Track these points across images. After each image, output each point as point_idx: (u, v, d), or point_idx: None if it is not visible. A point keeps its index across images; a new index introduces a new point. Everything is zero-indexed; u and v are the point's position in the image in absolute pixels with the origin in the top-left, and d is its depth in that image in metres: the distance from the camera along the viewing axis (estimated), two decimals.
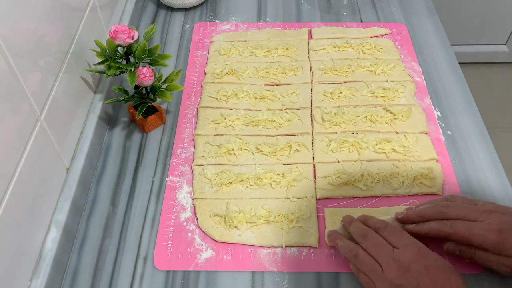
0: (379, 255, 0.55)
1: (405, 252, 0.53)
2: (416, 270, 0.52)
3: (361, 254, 0.56)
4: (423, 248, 0.54)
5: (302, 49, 0.91)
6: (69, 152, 0.70)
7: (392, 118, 0.78)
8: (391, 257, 0.54)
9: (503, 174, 0.72)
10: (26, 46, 0.57)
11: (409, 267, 0.52)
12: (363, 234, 0.58)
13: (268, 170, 0.71)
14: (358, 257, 0.56)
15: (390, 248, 0.55)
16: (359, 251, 0.57)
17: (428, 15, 1.01)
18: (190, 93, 0.85)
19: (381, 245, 0.56)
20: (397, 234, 0.56)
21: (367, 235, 0.57)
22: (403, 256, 0.53)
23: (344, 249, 0.59)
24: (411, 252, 0.53)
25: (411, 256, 0.53)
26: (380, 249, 0.55)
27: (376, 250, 0.55)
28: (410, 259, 0.53)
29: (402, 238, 0.55)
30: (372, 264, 0.55)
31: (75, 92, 0.72)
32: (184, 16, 1.01)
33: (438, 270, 0.52)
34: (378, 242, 0.56)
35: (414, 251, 0.53)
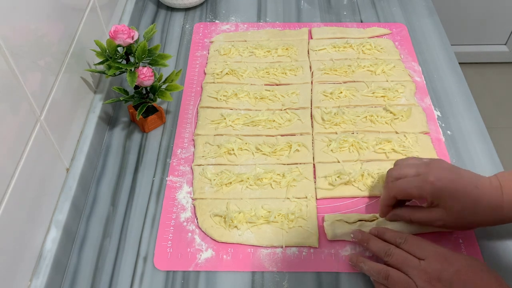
0: (409, 271, 0.54)
1: (433, 262, 0.53)
2: (447, 278, 0.52)
3: (393, 274, 0.55)
4: (449, 253, 0.54)
5: (302, 49, 0.91)
6: (69, 152, 0.70)
7: (392, 118, 0.78)
8: (420, 270, 0.53)
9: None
10: (26, 46, 0.57)
11: (440, 276, 0.52)
12: (388, 253, 0.57)
13: (268, 170, 0.71)
14: (390, 277, 0.55)
15: (416, 261, 0.54)
16: (390, 271, 0.56)
17: (428, 15, 1.01)
18: (190, 93, 0.85)
19: (408, 260, 0.55)
20: (420, 245, 0.56)
21: (392, 253, 0.57)
22: (432, 267, 0.53)
23: (372, 272, 0.58)
24: (438, 261, 0.53)
25: (439, 265, 0.53)
26: (408, 265, 0.55)
27: (404, 266, 0.55)
28: (439, 268, 0.52)
29: (426, 248, 0.55)
30: (406, 282, 0.54)
31: (75, 92, 0.72)
32: (184, 16, 1.01)
33: (469, 272, 0.52)
34: (404, 258, 0.55)
35: (441, 260, 0.53)
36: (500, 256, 0.63)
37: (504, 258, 0.62)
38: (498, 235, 0.64)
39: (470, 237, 0.64)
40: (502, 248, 0.63)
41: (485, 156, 0.74)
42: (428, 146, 0.74)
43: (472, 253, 0.62)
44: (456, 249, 0.63)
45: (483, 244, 0.63)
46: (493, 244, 0.64)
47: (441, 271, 0.52)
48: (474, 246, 0.63)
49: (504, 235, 0.64)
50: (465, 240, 0.63)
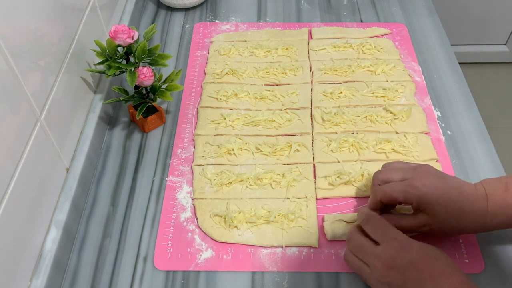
0: (364, 256, 0.55)
1: (388, 249, 0.53)
2: (401, 265, 0.52)
3: (349, 259, 0.57)
4: (406, 240, 0.54)
5: (302, 49, 0.91)
6: (69, 152, 0.70)
7: (392, 118, 0.78)
8: (374, 256, 0.54)
9: (503, 174, 0.72)
10: (26, 46, 0.57)
11: (394, 263, 0.52)
12: (349, 238, 0.58)
13: (268, 170, 0.71)
14: (348, 261, 0.58)
15: (372, 247, 0.55)
16: (348, 256, 0.58)
17: (428, 15, 1.01)
18: (190, 93, 0.85)
19: (364, 246, 0.56)
20: (380, 229, 0.56)
21: (352, 237, 0.58)
22: (386, 253, 0.53)
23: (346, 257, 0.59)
24: (393, 248, 0.53)
25: (393, 252, 0.53)
26: (363, 250, 0.55)
27: (360, 251, 0.56)
28: (393, 255, 0.52)
29: (385, 233, 0.55)
30: (359, 265, 0.56)
31: (75, 92, 0.72)
32: (184, 16, 1.01)
33: (423, 260, 0.52)
34: (360, 244, 0.56)
35: (396, 247, 0.53)
36: (500, 256, 0.63)
37: (505, 258, 0.62)
38: (498, 236, 0.64)
39: (470, 237, 0.64)
40: (503, 248, 0.63)
41: (485, 156, 0.74)
42: (428, 146, 0.74)
43: (472, 253, 0.62)
44: (456, 249, 0.63)
45: (483, 244, 0.63)
46: (493, 244, 0.64)
47: (396, 258, 0.52)
48: (474, 246, 0.63)
49: (504, 235, 0.64)
50: (465, 240, 0.63)
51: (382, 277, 0.53)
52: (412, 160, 0.72)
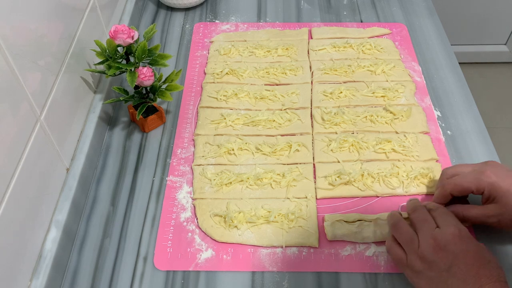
0: (421, 229, 0.56)
1: (445, 232, 0.54)
2: (452, 252, 0.52)
3: (401, 224, 0.58)
4: (465, 233, 0.54)
5: (302, 49, 0.91)
6: (69, 152, 0.70)
7: (392, 118, 0.78)
8: (430, 233, 0.54)
9: None
10: (26, 46, 0.57)
11: (446, 247, 0.53)
12: (414, 208, 0.59)
13: (268, 170, 0.71)
14: (398, 226, 0.58)
15: (433, 225, 0.55)
16: (400, 221, 0.58)
17: (428, 15, 1.01)
18: (190, 93, 0.85)
19: (426, 221, 0.56)
20: (446, 216, 0.57)
21: (417, 209, 0.59)
22: (442, 235, 0.53)
23: (389, 217, 0.60)
24: (451, 233, 0.53)
25: (449, 237, 0.53)
26: (423, 224, 0.56)
27: (420, 224, 0.56)
28: (448, 239, 0.53)
29: (449, 220, 0.56)
30: (411, 236, 0.56)
31: (75, 92, 0.72)
32: (184, 16, 1.01)
33: (476, 256, 0.52)
34: (424, 218, 0.57)
35: (454, 233, 0.53)
36: (500, 256, 0.63)
37: (505, 259, 0.62)
38: (498, 235, 0.64)
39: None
40: (503, 248, 0.63)
41: (485, 156, 0.74)
42: (428, 146, 0.74)
43: None
44: None
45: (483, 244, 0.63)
46: (494, 244, 0.63)
47: (449, 243, 0.53)
48: None
49: (505, 235, 0.64)
50: None
51: (430, 255, 0.53)
52: (412, 160, 0.72)
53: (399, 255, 0.56)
